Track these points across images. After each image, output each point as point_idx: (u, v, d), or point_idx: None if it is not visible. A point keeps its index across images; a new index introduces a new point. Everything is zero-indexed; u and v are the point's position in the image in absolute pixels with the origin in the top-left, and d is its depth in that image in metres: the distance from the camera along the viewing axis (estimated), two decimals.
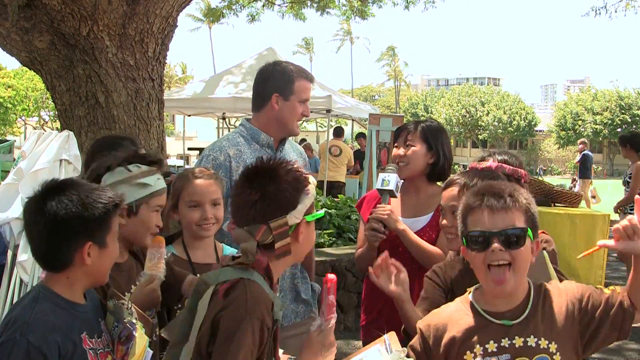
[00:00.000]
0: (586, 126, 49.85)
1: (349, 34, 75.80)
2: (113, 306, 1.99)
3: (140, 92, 4.89)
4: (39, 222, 1.83)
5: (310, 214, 1.84)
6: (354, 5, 11.07)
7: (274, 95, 2.95)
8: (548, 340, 1.90)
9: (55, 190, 1.86)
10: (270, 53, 11.87)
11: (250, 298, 1.69)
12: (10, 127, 39.74)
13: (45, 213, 1.82)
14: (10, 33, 4.61)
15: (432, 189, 3.03)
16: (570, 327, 1.92)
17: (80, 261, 1.85)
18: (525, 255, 1.91)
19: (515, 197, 1.93)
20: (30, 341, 1.72)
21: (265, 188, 1.77)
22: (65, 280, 1.88)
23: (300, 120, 3.02)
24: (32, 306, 1.81)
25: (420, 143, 2.97)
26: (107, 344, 1.93)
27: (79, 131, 4.74)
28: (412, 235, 2.87)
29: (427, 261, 2.81)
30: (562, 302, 1.95)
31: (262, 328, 1.69)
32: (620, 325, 1.93)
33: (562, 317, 1.93)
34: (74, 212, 1.82)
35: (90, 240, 1.85)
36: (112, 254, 1.94)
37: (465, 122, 56.30)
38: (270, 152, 2.97)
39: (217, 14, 12.11)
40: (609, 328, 1.93)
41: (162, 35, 4.98)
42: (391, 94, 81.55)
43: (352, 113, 13.06)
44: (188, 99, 12.29)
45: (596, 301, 1.96)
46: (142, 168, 2.32)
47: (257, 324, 1.67)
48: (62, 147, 3.42)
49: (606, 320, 1.92)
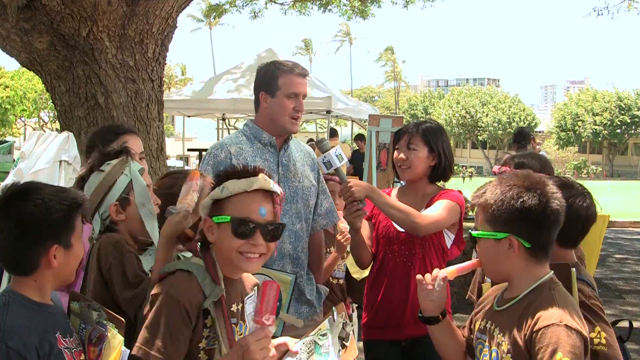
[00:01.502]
0: (586, 127, 49.89)
1: (348, 34, 75.86)
2: (78, 308, 2.01)
3: (139, 93, 4.89)
4: (3, 229, 1.83)
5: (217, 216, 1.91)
6: (355, 5, 11.07)
7: (261, 94, 2.98)
8: (506, 340, 1.89)
9: (17, 196, 1.86)
10: (270, 54, 11.85)
11: (174, 282, 1.86)
12: (9, 128, 39.75)
13: (9, 219, 1.82)
14: (10, 34, 4.61)
15: (430, 188, 3.05)
16: (522, 344, 1.85)
17: (47, 264, 1.86)
18: (483, 251, 2.00)
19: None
20: (9, 345, 1.73)
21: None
22: (33, 283, 1.88)
23: (294, 116, 2.99)
24: (4, 312, 1.80)
25: (422, 146, 2.98)
26: (78, 343, 1.95)
27: (78, 132, 4.73)
28: (383, 198, 2.86)
29: (401, 219, 2.82)
30: (536, 324, 1.83)
31: (179, 307, 1.81)
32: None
33: (521, 335, 1.85)
34: (39, 216, 1.82)
35: (56, 242, 1.86)
36: (77, 254, 1.95)
37: (465, 123, 56.35)
38: (273, 151, 2.98)
39: (219, 10, 12.07)
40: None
41: (161, 36, 4.98)
42: (391, 95, 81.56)
43: (351, 114, 13.04)
44: (188, 100, 12.28)
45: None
46: (112, 163, 2.42)
47: (173, 300, 1.82)
48: (62, 147, 3.43)
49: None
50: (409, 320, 2.91)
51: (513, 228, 1.91)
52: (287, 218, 2.94)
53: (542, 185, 1.93)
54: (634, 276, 9.19)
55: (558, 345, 1.75)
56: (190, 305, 1.82)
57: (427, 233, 2.86)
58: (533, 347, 1.80)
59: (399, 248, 2.96)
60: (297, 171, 3.03)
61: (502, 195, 1.92)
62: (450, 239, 3.00)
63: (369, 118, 8.81)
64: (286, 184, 2.97)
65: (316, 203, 3.11)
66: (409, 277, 2.92)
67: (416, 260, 2.93)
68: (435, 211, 2.89)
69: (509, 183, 1.94)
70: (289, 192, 2.97)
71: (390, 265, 2.98)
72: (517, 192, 1.91)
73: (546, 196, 1.91)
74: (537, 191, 1.90)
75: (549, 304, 1.85)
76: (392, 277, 2.97)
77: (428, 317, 2.16)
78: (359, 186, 2.79)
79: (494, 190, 1.95)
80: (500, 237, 1.93)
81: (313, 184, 3.09)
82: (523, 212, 1.89)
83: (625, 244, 12.34)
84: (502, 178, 1.99)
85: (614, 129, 49.46)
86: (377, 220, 3.07)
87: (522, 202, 1.89)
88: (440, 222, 2.88)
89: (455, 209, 2.92)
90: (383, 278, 3.00)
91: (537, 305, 1.87)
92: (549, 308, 1.84)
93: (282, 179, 2.96)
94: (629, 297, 7.81)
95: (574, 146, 54.31)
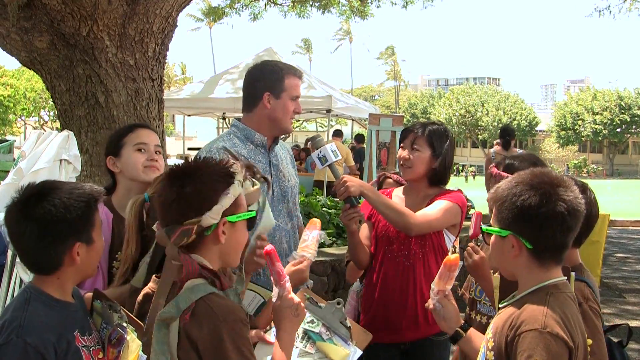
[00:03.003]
0: (586, 126, 49.87)
1: (348, 33, 75.81)
2: (100, 307, 2.01)
3: (140, 92, 4.89)
4: (24, 231, 1.84)
5: (233, 215, 1.81)
6: (354, 5, 11.06)
7: (266, 94, 2.94)
8: (492, 335, 1.89)
9: (35, 197, 1.87)
10: (269, 53, 11.86)
11: (216, 307, 1.69)
12: (10, 127, 39.74)
13: (30, 220, 1.84)
14: (10, 33, 4.60)
15: (431, 190, 3.03)
16: (503, 345, 1.83)
17: (70, 261, 1.88)
18: (491, 246, 1.98)
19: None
20: (27, 342, 1.74)
21: (183, 188, 1.75)
22: (56, 281, 1.90)
23: (293, 117, 3.00)
24: (25, 308, 1.82)
25: (427, 148, 2.97)
26: (97, 341, 1.96)
27: (78, 131, 4.73)
28: (377, 196, 2.85)
29: (392, 217, 2.81)
30: (519, 327, 1.79)
31: (242, 324, 1.70)
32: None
33: (504, 336, 1.83)
34: (59, 216, 1.84)
35: (77, 240, 1.88)
36: (99, 248, 1.97)
37: (465, 122, 56.32)
38: (264, 152, 2.96)
39: (219, 12, 12.07)
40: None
41: (162, 35, 4.98)
42: (391, 94, 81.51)
43: (352, 113, 13.05)
44: (188, 99, 12.29)
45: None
46: (247, 186, 2.24)
47: (236, 325, 1.67)
48: (62, 147, 3.41)
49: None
50: (408, 322, 2.90)
51: (514, 226, 1.86)
52: (282, 218, 2.94)
53: (551, 185, 1.84)
54: (635, 275, 9.19)
55: (534, 352, 1.70)
56: (243, 317, 1.74)
57: (419, 233, 2.85)
58: (512, 351, 1.76)
59: (398, 248, 2.95)
60: (285, 170, 3.04)
61: (506, 191, 1.88)
62: (451, 240, 2.99)
63: (369, 117, 8.81)
64: (278, 184, 2.97)
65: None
66: (407, 277, 2.91)
67: (415, 260, 2.92)
68: (430, 211, 2.88)
69: (518, 180, 1.89)
70: (281, 193, 2.98)
71: (388, 265, 2.97)
72: (521, 189, 1.85)
73: (551, 196, 1.82)
74: (541, 190, 1.82)
75: (537, 308, 1.79)
76: (391, 278, 2.95)
77: (452, 337, 2.16)
78: (353, 182, 2.79)
79: (505, 186, 1.91)
80: (504, 234, 1.89)
81: (297, 181, 3.13)
82: (522, 211, 1.83)
83: (625, 243, 12.34)
84: (519, 174, 1.94)
85: (614, 128, 49.40)
86: (376, 219, 3.06)
87: (523, 201, 1.83)
88: (433, 223, 2.86)
89: (453, 210, 2.91)
90: (380, 279, 2.98)
91: (526, 309, 1.81)
92: (536, 313, 1.77)
93: (274, 180, 2.96)
94: (629, 296, 7.81)
95: (574, 145, 54.28)
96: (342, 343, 2.23)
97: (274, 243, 2.92)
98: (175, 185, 1.77)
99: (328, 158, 2.88)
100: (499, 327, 1.86)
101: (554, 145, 54.02)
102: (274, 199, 2.94)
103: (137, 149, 2.68)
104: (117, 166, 2.71)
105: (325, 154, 2.88)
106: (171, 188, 1.77)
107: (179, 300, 1.71)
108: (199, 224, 1.73)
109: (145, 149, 2.69)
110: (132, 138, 2.72)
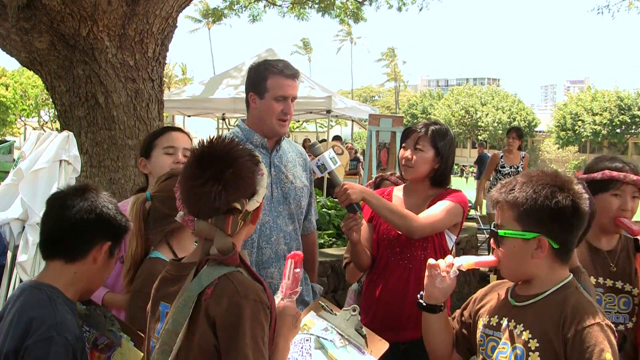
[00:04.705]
0: (585, 127, 49.88)
1: (349, 34, 75.81)
2: (85, 310, 2.03)
3: (140, 92, 4.89)
4: (71, 207, 1.93)
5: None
6: (349, 7, 11.07)
7: (250, 94, 2.95)
8: (532, 335, 1.86)
9: (93, 190, 2.02)
10: (270, 54, 11.85)
11: (239, 284, 1.64)
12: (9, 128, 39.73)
13: (85, 201, 1.95)
14: (10, 33, 4.61)
15: (432, 191, 3.02)
16: (557, 343, 1.83)
17: (93, 258, 1.95)
18: (508, 250, 1.92)
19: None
20: (68, 338, 1.79)
21: (224, 176, 1.65)
22: (72, 275, 1.94)
23: (282, 119, 2.94)
24: (53, 305, 1.86)
25: (429, 148, 2.95)
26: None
27: (78, 131, 4.74)
28: (378, 200, 2.82)
29: (395, 221, 2.79)
30: (580, 323, 1.81)
31: (263, 308, 1.65)
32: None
33: (554, 328, 1.84)
34: (110, 214, 1.98)
35: (109, 240, 1.98)
36: (112, 266, 2.07)
37: (464, 122, 56.33)
38: (265, 153, 2.96)
39: (218, 14, 12.08)
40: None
41: (161, 36, 4.98)
42: (391, 95, 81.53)
43: (351, 113, 13.05)
44: (188, 100, 12.29)
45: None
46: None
47: (256, 305, 1.63)
48: (62, 147, 3.41)
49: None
50: (407, 322, 2.89)
51: (545, 228, 1.86)
52: (281, 219, 2.94)
53: (572, 185, 1.88)
54: None
55: (604, 346, 1.75)
56: (266, 300, 1.68)
57: (422, 235, 2.84)
58: (576, 346, 1.78)
59: (400, 250, 2.95)
60: (290, 172, 3.01)
61: (534, 194, 1.86)
62: (452, 240, 2.98)
63: (369, 118, 8.81)
64: (278, 185, 2.96)
65: (309, 203, 3.11)
66: (407, 278, 2.91)
67: (417, 261, 2.92)
68: (432, 212, 2.86)
69: (542, 181, 1.88)
70: (282, 194, 2.96)
71: (390, 266, 2.96)
72: (551, 191, 1.85)
73: (578, 197, 1.86)
74: (570, 191, 1.85)
75: (585, 303, 1.85)
76: (390, 279, 2.95)
77: (432, 305, 2.11)
78: (354, 189, 2.77)
79: (525, 188, 1.88)
80: (529, 237, 1.87)
81: (305, 184, 3.08)
82: (556, 213, 1.84)
83: None
84: (531, 175, 1.92)
85: (614, 128, 49.36)
86: (377, 222, 3.05)
87: (557, 202, 1.83)
88: (436, 224, 2.85)
89: (455, 210, 2.89)
90: (381, 279, 2.98)
91: (570, 305, 1.84)
92: (587, 307, 1.83)
93: (274, 181, 2.95)
94: None
95: (574, 146, 54.26)
96: (356, 351, 2.21)
97: (271, 244, 2.92)
98: (209, 169, 1.66)
99: (327, 166, 2.86)
100: (540, 326, 1.84)
101: (553, 146, 53.99)
102: (272, 199, 2.94)
103: (166, 152, 2.74)
104: (147, 168, 2.77)
105: (324, 162, 2.86)
106: (205, 172, 1.66)
107: (201, 277, 1.66)
108: (246, 208, 1.68)
109: (173, 152, 2.74)
110: (162, 141, 2.77)
